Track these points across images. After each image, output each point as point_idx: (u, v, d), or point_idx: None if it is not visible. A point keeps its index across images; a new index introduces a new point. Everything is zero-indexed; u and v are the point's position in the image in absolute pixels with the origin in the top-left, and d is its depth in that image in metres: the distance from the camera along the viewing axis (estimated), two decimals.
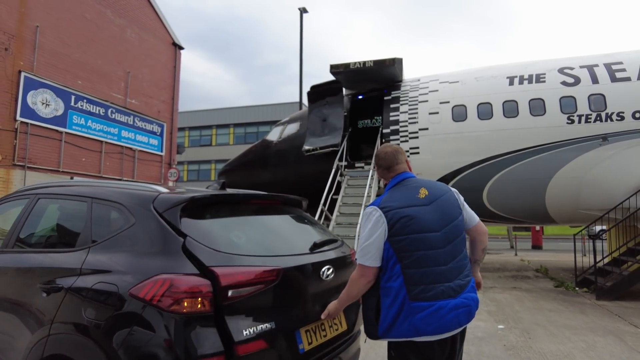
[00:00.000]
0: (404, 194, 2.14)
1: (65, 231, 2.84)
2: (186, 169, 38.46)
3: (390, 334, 2.02)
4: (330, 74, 10.40)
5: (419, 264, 1.98)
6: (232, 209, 2.63)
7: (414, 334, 1.96)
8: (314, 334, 2.37)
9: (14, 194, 3.36)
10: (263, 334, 2.03)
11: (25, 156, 12.56)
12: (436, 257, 2.01)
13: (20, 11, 12.64)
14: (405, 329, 1.96)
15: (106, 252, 2.27)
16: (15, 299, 2.55)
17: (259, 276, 2.08)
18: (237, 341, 1.91)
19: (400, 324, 1.97)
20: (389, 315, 2.00)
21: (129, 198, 2.40)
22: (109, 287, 2.08)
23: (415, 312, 1.94)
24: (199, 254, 2.04)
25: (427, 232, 2.02)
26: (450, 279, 2.02)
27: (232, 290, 1.96)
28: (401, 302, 1.97)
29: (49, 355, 2.14)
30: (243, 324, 1.97)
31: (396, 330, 1.99)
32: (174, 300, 1.89)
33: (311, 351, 2.29)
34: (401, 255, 1.99)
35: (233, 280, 1.98)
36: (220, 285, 1.93)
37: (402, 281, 1.98)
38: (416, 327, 1.94)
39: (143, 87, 17.37)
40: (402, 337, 1.99)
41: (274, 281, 2.14)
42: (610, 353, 4.46)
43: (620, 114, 8.62)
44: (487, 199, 9.61)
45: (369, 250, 2.05)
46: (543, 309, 6.54)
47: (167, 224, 2.17)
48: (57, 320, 2.19)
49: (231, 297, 1.95)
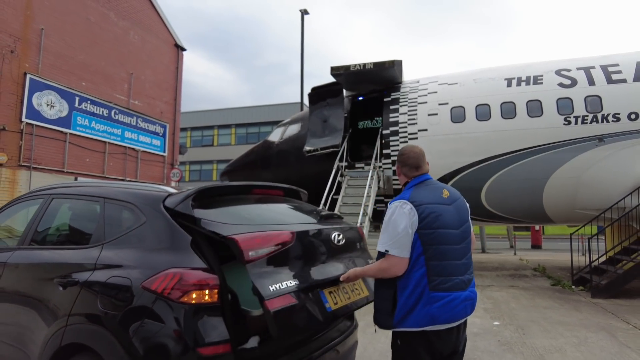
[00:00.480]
0: (430, 192, 2.27)
1: (79, 229, 3.00)
2: (188, 169, 38.65)
3: (405, 323, 2.12)
4: (330, 75, 10.57)
5: (441, 257, 2.14)
6: (238, 198, 2.83)
7: (428, 322, 2.09)
8: (338, 296, 2.49)
9: (28, 194, 3.53)
10: (289, 290, 2.15)
11: (30, 157, 12.75)
12: (454, 252, 2.19)
13: (26, 14, 12.83)
14: (422, 317, 2.09)
15: (119, 248, 2.44)
16: (33, 293, 2.70)
17: (275, 238, 2.26)
18: (266, 297, 2.02)
19: (417, 313, 2.09)
20: (407, 304, 2.11)
21: (140, 198, 2.57)
22: (122, 281, 2.24)
23: (432, 301, 2.08)
24: (214, 229, 2.21)
25: (450, 229, 2.20)
26: (462, 273, 2.20)
27: (252, 251, 2.10)
28: (420, 292, 2.10)
29: (67, 344, 2.30)
30: (268, 282, 2.09)
31: (412, 319, 2.10)
32: (183, 292, 2.06)
33: (338, 311, 2.41)
34: (426, 248, 2.12)
35: (251, 244, 2.13)
36: (240, 248, 2.07)
37: (424, 272, 2.11)
38: (432, 315, 2.08)
39: (146, 89, 17.56)
40: (416, 326, 2.10)
41: (289, 243, 2.31)
42: (600, 348, 4.61)
43: (616, 115, 8.76)
44: (486, 199, 9.76)
45: (403, 242, 2.12)
46: (538, 307, 6.68)
47: (176, 222, 2.33)
48: (74, 312, 2.35)
49: (251, 259, 2.09)
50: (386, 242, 2.15)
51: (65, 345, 2.31)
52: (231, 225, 2.26)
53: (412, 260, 2.13)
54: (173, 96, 19.15)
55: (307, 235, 2.56)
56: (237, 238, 2.10)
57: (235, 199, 2.78)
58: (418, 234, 2.13)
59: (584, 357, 4.32)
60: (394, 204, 2.22)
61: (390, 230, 2.16)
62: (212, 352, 2.01)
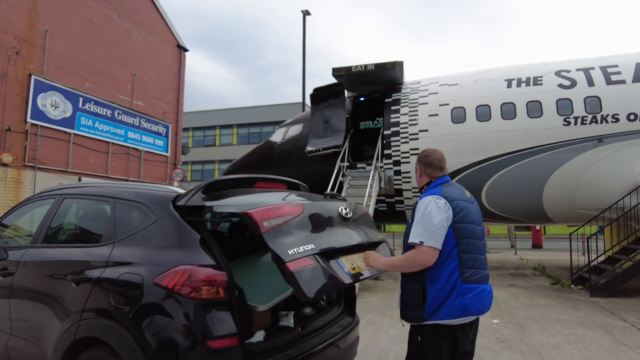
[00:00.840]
0: (456, 191, 2.41)
1: (91, 228, 3.11)
2: (190, 169, 38.80)
3: (438, 316, 2.19)
4: (332, 76, 10.66)
5: (472, 250, 2.27)
6: (244, 190, 2.96)
7: (461, 313, 2.19)
8: (354, 262, 2.57)
9: (39, 194, 3.64)
10: (307, 254, 2.23)
11: (35, 157, 12.88)
12: (480, 246, 2.35)
13: (31, 16, 12.96)
14: (455, 308, 2.18)
15: (130, 246, 2.54)
16: (46, 290, 2.81)
17: (286, 210, 2.38)
18: (286, 259, 2.09)
19: (450, 305, 2.18)
20: (440, 296, 2.20)
21: (150, 198, 2.68)
22: (134, 278, 2.34)
23: (465, 292, 2.20)
24: (228, 209, 2.38)
25: (476, 225, 2.35)
26: (485, 267, 2.36)
27: (265, 222, 2.19)
28: (453, 284, 2.20)
29: (81, 338, 2.41)
30: (286, 247, 2.16)
31: (444, 310, 2.19)
32: (192, 288, 2.16)
33: (356, 275, 2.49)
34: (459, 241, 2.24)
35: (264, 216, 2.21)
36: (254, 220, 2.16)
37: (457, 264, 2.22)
38: (465, 305, 2.19)
39: (149, 89, 17.68)
40: (450, 318, 2.18)
41: (300, 213, 2.43)
42: (597, 345, 4.70)
43: (615, 115, 8.83)
44: (486, 198, 9.84)
45: (438, 234, 2.20)
46: (537, 305, 6.78)
47: (185, 221, 2.44)
48: (87, 307, 2.45)
49: (266, 229, 2.17)
50: (421, 233, 2.22)
51: (79, 338, 2.41)
52: (242, 205, 2.36)
53: (444, 253, 2.22)
54: (175, 96, 19.28)
55: (316, 208, 2.68)
56: (251, 212, 2.18)
57: (242, 190, 2.90)
58: (452, 227, 2.24)
59: (580, 353, 4.41)
60: (426, 198, 2.32)
61: (425, 223, 2.23)
62: (221, 345, 2.12)
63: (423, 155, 2.56)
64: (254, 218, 2.16)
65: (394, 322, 5.57)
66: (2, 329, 3.07)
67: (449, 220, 2.24)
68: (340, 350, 2.84)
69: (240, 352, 2.17)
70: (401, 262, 2.33)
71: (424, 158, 2.55)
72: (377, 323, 5.63)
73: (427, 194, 2.38)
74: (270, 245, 2.12)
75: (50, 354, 2.58)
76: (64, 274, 2.71)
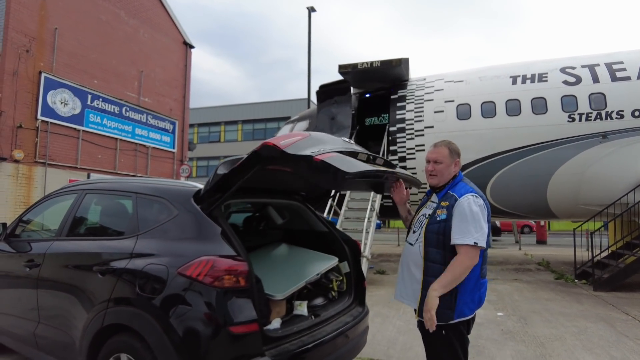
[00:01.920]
0: (477, 188, 2.39)
1: (114, 222, 3.26)
2: (195, 165, 39.01)
3: (464, 313, 2.21)
4: (338, 73, 10.77)
5: (487, 247, 2.27)
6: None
7: (477, 306, 2.27)
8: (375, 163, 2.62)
9: (61, 190, 3.80)
10: (329, 150, 2.28)
11: (46, 153, 13.09)
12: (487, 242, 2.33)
13: (40, 14, 13.14)
14: (475, 303, 2.26)
15: (154, 239, 2.68)
16: (72, 281, 2.96)
17: (296, 134, 2.42)
18: (314, 155, 2.13)
19: (471, 300, 2.23)
20: (466, 294, 2.20)
21: (171, 194, 2.82)
22: (158, 268, 2.48)
23: (481, 287, 2.29)
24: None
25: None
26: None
27: (282, 142, 2.23)
28: (476, 280, 2.25)
29: (108, 325, 2.56)
30: (308, 150, 2.20)
31: (468, 306, 2.22)
32: (215, 277, 2.30)
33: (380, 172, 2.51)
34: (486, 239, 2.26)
35: (278, 140, 2.25)
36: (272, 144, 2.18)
37: (481, 262, 2.25)
38: (480, 298, 2.29)
39: (156, 86, 17.86)
40: (470, 313, 2.23)
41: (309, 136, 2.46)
42: (599, 337, 4.82)
43: (620, 112, 8.89)
44: (491, 194, 9.94)
45: (486, 233, 2.20)
46: (541, 299, 6.89)
47: (206, 214, 2.58)
48: (114, 296, 2.60)
49: (285, 146, 2.20)
50: (473, 234, 2.15)
51: (106, 325, 2.57)
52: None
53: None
54: (182, 93, 19.45)
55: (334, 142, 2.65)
56: (266, 141, 2.25)
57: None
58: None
59: (582, 345, 4.54)
60: (467, 197, 2.25)
61: (475, 223, 2.17)
62: (242, 331, 2.26)
63: (456, 147, 2.46)
64: (271, 143, 2.20)
65: (400, 315, 5.71)
66: (30, 317, 3.24)
67: (487, 220, 2.25)
68: (350, 338, 2.97)
69: (260, 338, 2.32)
70: (458, 274, 2.16)
71: (457, 149, 2.46)
72: (384, 315, 5.77)
73: (462, 189, 2.31)
74: (293, 152, 2.14)
75: (79, 340, 2.74)
76: (90, 265, 2.86)
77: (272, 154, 2.20)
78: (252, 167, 2.38)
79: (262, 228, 3.93)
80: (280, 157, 2.18)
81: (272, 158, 2.24)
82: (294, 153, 2.14)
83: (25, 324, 3.28)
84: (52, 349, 3.08)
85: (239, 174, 2.45)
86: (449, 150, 2.42)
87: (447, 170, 2.40)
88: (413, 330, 5.02)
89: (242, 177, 2.46)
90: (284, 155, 2.15)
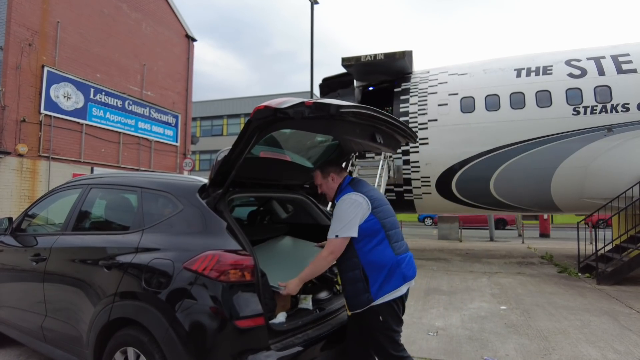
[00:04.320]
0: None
1: (119, 216, 3.27)
2: (198, 159, 39.04)
3: (383, 291, 2.42)
4: (341, 66, 10.73)
5: (390, 226, 2.58)
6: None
7: (401, 281, 2.47)
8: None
9: (66, 184, 3.81)
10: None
11: (49, 147, 13.12)
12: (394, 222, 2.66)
13: (43, 8, 13.10)
14: (395, 279, 2.45)
15: (159, 233, 2.69)
16: (78, 275, 2.97)
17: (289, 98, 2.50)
18: (305, 101, 2.19)
19: (390, 277, 2.44)
20: (375, 273, 2.44)
21: (177, 188, 2.82)
22: (164, 262, 2.49)
23: (400, 263, 2.50)
24: None
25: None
26: (401, 238, 2.66)
27: (274, 104, 2.25)
28: (387, 259, 2.48)
29: (115, 319, 2.58)
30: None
31: (388, 284, 2.43)
32: (221, 272, 2.31)
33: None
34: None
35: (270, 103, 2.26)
36: (266, 105, 2.22)
37: (387, 241, 2.52)
38: (403, 274, 2.49)
39: (158, 79, 17.82)
40: (392, 291, 2.43)
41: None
42: (603, 330, 4.83)
43: (625, 105, 8.84)
44: (494, 188, 9.92)
45: (352, 222, 2.53)
46: (544, 292, 6.90)
47: (211, 209, 2.58)
48: (120, 290, 2.61)
49: (277, 104, 2.23)
50: (335, 229, 2.55)
51: (113, 319, 2.58)
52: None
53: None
54: (184, 87, 19.41)
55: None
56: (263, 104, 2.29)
57: None
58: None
59: (586, 338, 4.54)
60: (340, 200, 2.63)
61: (338, 219, 2.57)
62: (248, 325, 2.27)
63: (325, 165, 2.85)
64: (262, 105, 2.21)
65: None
66: (36, 311, 3.27)
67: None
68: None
69: (266, 331, 2.33)
70: (318, 265, 2.59)
71: (327, 166, 2.83)
72: None
73: (342, 195, 2.64)
74: (285, 106, 2.16)
75: (86, 334, 2.76)
76: (96, 259, 2.87)
77: (265, 114, 2.22)
78: (250, 138, 2.37)
79: (267, 222, 3.93)
80: (274, 115, 2.19)
81: (266, 119, 2.25)
82: (286, 106, 2.16)
83: (32, 317, 3.31)
84: (60, 342, 3.11)
85: (240, 152, 2.44)
86: (320, 172, 2.82)
87: (327, 187, 2.79)
88: (417, 323, 5.05)
89: (243, 151, 2.44)
90: (277, 112, 2.17)
